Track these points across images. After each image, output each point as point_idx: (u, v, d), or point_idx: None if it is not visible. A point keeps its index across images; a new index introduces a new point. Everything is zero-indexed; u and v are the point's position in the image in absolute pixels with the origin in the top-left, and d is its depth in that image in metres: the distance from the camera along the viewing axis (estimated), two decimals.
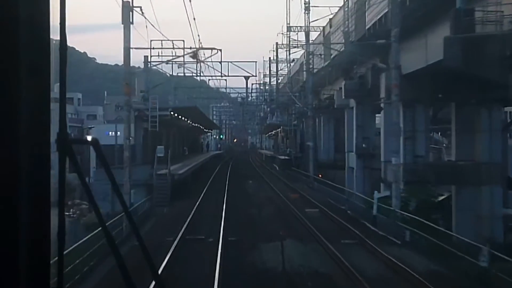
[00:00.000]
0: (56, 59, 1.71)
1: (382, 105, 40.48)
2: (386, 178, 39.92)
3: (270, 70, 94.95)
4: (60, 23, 1.71)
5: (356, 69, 42.00)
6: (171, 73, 42.15)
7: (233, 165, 76.03)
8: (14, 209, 1.58)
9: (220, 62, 43.03)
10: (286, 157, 66.24)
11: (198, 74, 43.82)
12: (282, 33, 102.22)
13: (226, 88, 68.58)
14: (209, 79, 66.58)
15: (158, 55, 40.96)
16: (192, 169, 41.31)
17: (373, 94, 41.10)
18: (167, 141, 56.82)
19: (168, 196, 32.03)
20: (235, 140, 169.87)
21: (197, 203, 33.51)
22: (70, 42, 1.74)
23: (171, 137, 59.21)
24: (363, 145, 47.95)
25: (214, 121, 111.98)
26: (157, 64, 41.46)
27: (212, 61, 42.90)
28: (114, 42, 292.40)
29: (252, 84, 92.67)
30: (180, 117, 48.08)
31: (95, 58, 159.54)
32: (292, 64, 76.96)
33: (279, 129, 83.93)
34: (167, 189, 31.91)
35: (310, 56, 49.05)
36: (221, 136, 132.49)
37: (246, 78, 45.08)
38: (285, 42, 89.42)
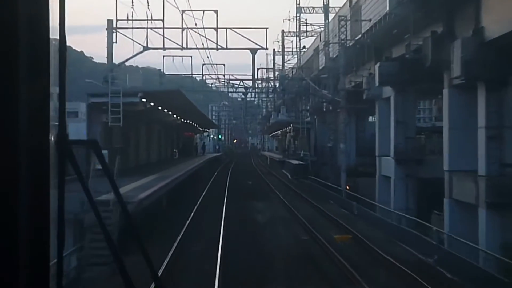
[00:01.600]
0: (56, 59, 1.69)
1: (445, 90, 29.01)
2: (452, 195, 28.62)
3: (274, 63, 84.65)
4: (60, 23, 1.71)
5: (408, 38, 29.82)
6: (145, 45, 29.53)
7: (233, 173, 61.39)
8: (14, 209, 1.58)
9: (216, 29, 29.64)
10: (301, 162, 53.14)
11: (185, 47, 30.87)
12: (289, 19, 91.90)
13: (224, 75, 54.37)
14: (203, 64, 53.86)
15: (128, 19, 28.71)
16: (169, 186, 25.33)
17: (433, 75, 29.49)
18: (148, 142, 44.37)
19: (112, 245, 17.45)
20: (235, 141, 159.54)
21: (165, 262, 17.69)
22: (68, 42, 1.73)
23: (153, 136, 46.42)
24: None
25: (214, 121, 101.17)
26: (124, 28, 28.97)
27: (204, 27, 30.07)
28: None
29: (258, 69, 78.93)
30: (160, 108, 34.86)
31: (92, 57, 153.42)
32: (303, 51, 66.58)
33: (287, 127, 72.36)
34: (112, 232, 17.43)
35: (342, 23, 36.47)
36: (220, 137, 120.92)
37: (253, 51, 31.29)
38: (292, 30, 78.91)
